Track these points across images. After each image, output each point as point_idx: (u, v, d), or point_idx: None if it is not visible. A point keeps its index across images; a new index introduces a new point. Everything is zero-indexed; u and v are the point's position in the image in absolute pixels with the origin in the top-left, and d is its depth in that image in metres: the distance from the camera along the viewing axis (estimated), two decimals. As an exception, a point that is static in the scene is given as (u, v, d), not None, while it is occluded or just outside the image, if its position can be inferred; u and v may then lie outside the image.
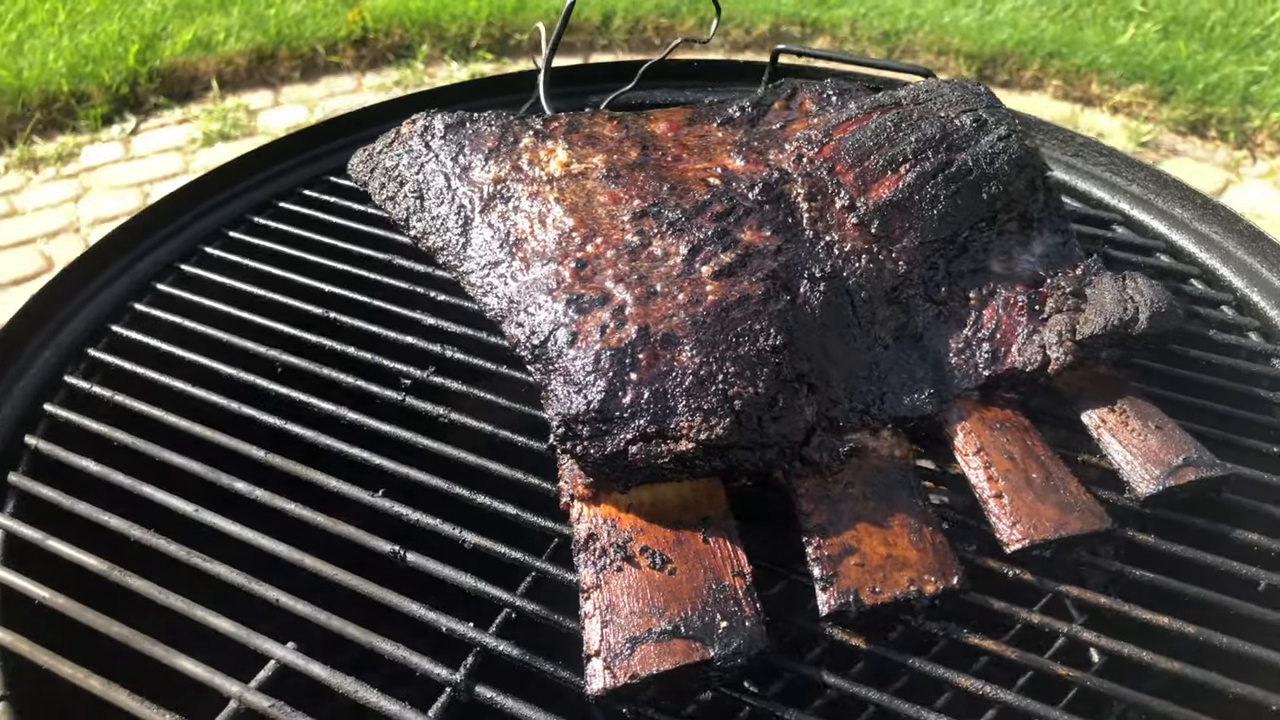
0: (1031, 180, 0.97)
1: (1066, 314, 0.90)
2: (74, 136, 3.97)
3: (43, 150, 3.88)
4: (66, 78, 4.03)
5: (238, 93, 4.20)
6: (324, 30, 4.30)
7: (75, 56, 4.14)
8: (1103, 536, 0.82)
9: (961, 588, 0.78)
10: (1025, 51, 4.26)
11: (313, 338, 1.02)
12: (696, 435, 0.75)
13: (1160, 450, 0.85)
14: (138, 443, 0.92)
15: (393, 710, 0.73)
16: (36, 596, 0.80)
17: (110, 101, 4.06)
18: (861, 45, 4.39)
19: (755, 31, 4.40)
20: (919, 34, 4.35)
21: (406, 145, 0.99)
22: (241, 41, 4.22)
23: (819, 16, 4.41)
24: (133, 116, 4.07)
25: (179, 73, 4.16)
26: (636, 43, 4.43)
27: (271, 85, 4.27)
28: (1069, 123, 4.03)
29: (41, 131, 3.96)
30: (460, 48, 4.37)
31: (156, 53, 4.17)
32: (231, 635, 0.78)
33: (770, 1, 4.50)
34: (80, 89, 4.04)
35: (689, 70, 1.40)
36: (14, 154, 3.84)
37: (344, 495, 0.88)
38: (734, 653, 0.71)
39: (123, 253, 1.12)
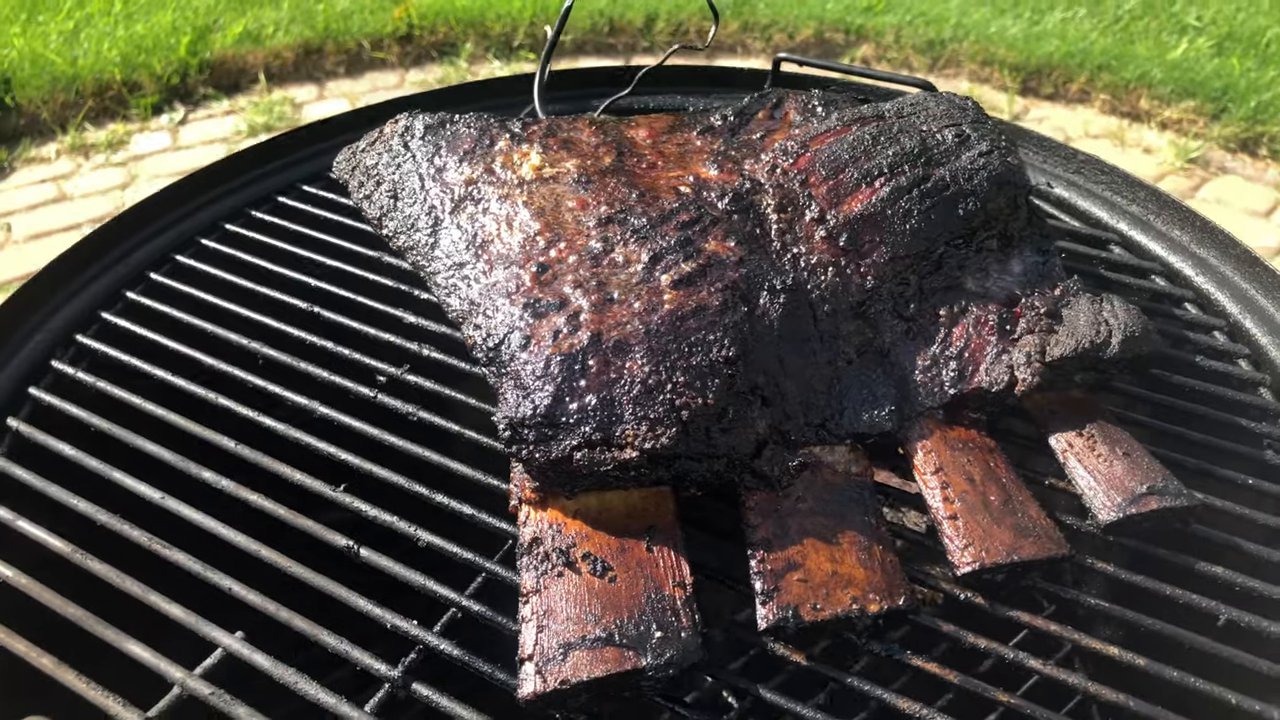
0: (1013, 198, 0.95)
1: (1038, 335, 0.89)
2: (124, 125, 4.06)
3: (93, 137, 3.98)
4: (120, 67, 4.12)
5: (284, 86, 4.27)
6: (370, 26, 4.36)
7: (129, 46, 4.24)
8: (1059, 563, 0.81)
9: (909, 608, 0.77)
10: (1073, 64, 4.18)
11: (295, 331, 1.04)
12: (641, 444, 0.75)
13: (1125, 477, 0.84)
14: (114, 429, 0.94)
15: (328, 703, 0.74)
16: (0, 575, 0.82)
17: (161, 91, 4.15)
18: (905, 53, 4.36)
19: (799, 37, 4.38)
20: (964, 44, 4.29)
21: (387, 145, 1.00)
22: (290, 35, 4.30)
23: (863, 24, 4.38)
24: (182, 107, 4.16)
25: (228, 65, 4.24)
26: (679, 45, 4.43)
27: (317, 79, 4.34)
28: (1115, 138, 3.96)
29: (93, 119, 4.06)
30: (503, 46, 4.41)
31: (207, 44, 4.26)
32: (182, 622, 0.79)
33: (815, 7, 4.48)
34: (132, 78, 4.13)
35: (691, 76, 1.40)
36: (66, 140, 3.95)
37: (306, 489, 0.89)
38: (666, 663, 0.71)
39: (120, 241, 1.14)
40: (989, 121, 1.01)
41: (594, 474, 0.76)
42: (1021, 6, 4.60)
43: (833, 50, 4.39)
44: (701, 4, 4.41)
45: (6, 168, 3.83)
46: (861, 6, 4.50)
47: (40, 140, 3.95)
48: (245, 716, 0.73)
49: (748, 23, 4.38)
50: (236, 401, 0.96)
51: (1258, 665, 0.75)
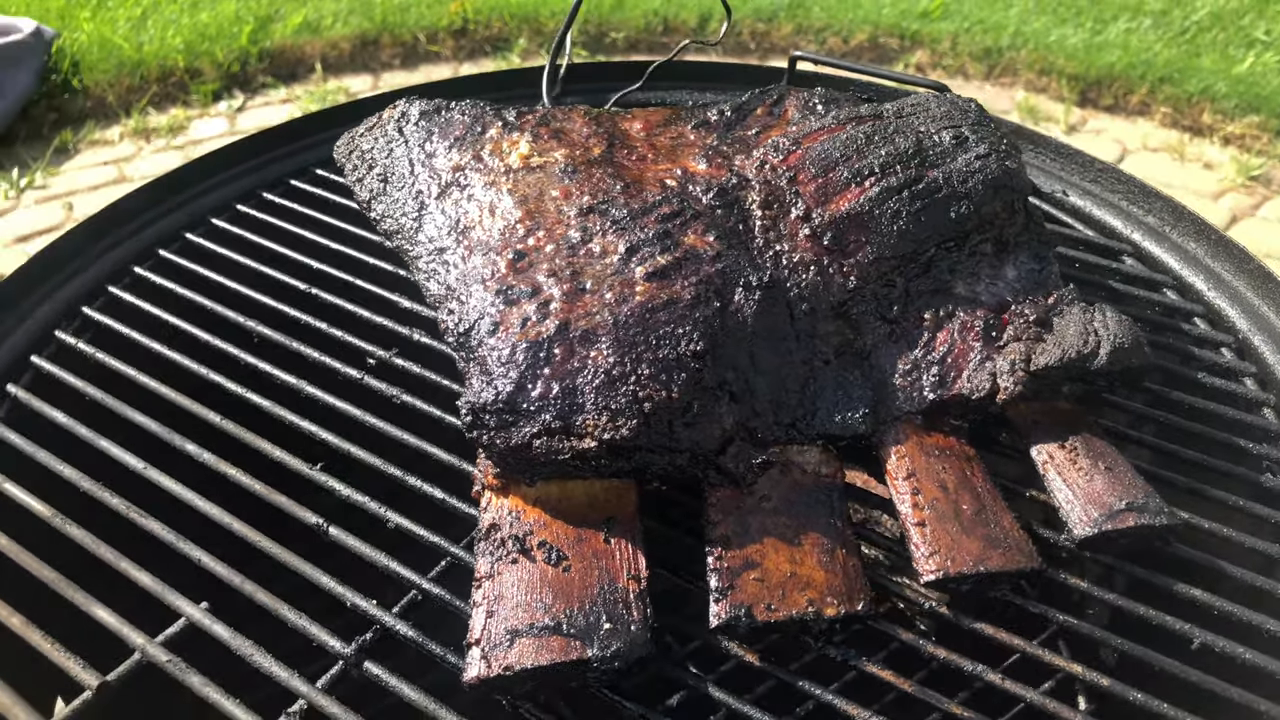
0: (1010, 203, 0.93)
1: (1024, 343, 0.87)
2: (185, 110, 4.16)
3: (155, 121, 4.08)
4: (183, 54, 4.23)
5: (340, 76, 4.34)
6: (426, 19, 4.41)
7: (193, 34, 4.34)
8: (1029, 576, 0.79)
9: (867, 614, 0.76)
10: (1134, 75, 4.09)
11: (291, 312, 1.06)
12: (601, 434, 0.74)
13: (1104, 492, 0.81)
14: (107, 399, 0.96)
15: (281, 676, 0.75)
16: (-16, 535, 0.85)
17: (221, 78, 4.24)
18: (961, 60, 4.29)
19: (853, 41, 4.34)
20: (1021, 52, 4.22)
21: (383, 129, 1.01)
22: (348, 26, 4.37)
23: (919, 30, 4.32)
24: (241, 94, 4.24)
25: (287, 54, 4.32)
26: (731, 46, 4.41)
27: (373, 70, 4.40)
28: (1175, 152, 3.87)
29: (156, 104, 4.16)
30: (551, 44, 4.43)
31: (268, 34, 4.35)
32: (150, 590, 0.81)
33: (870, 12, 4.43)
34: (195, 65, 4.23)
35: (706, 72, 1.39)
36: (129, 123, 4.05)
37: (285, 465, 0.90)
38: (612, 655, 0.71)
39: (135, 217, 1.17)
40: (991, 124, 0.99)
41: (552, 462, 0.75)
42: (1083, 16, 4.51)
43: (887, 56, 4.34)
44: (756, 6, 4.39)
45: (71, 149, 3.94)
46: (918, 12, 4.44)
47: (104, 123, 4.07)
48: (198, 685, 0.74)
49: (801, 25, 4.35)
50: (228, 378, 0.98)
51: (1228, 693, 0.73)
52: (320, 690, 0.74)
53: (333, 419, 0.94)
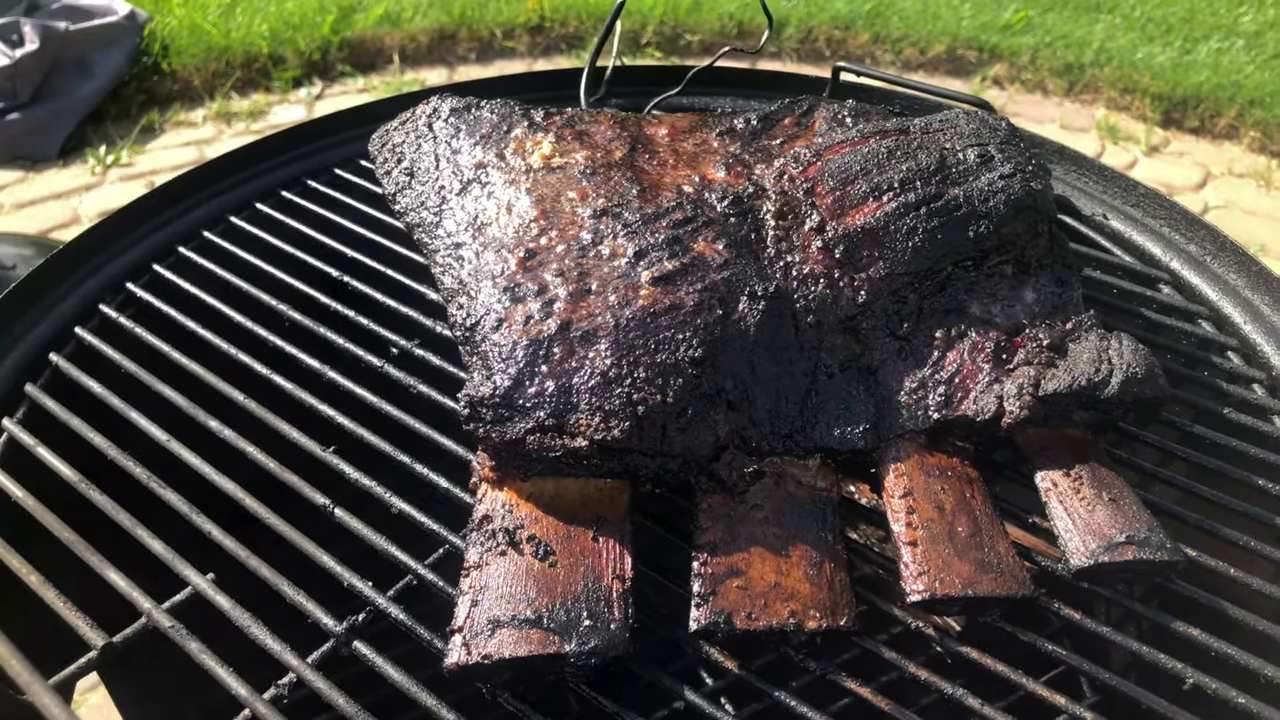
0: (1033, 224, 0.92)
1: (1035, 367, 0.85)
2: (266, 96, 4.28)
3: (237, 106, 4.21)
4: (268, 41, 4.35)
5: (416, 68, 4.43)
6: (504, 16, 4.47)
7: (279, 22, 4.47)
8: (1020, 603, 0.78)
9: (851, 630, 0.75)
10: (1223, 97, 3.96)
11: (322, 298, 1.09)
12: (592, 434, 0.76)
13: (1105, 523, 0.80)
14: (140, 372, 1.00)
15: (274, 649, 0.77)
16: (13, 495, 0.89)
17: (302, 66, 4.36)
18: (1041, 75, 4.20)
19: (930, 52, 4.29)
20: (1105, 69, 4.12)
21: (415, 124, 1.03)
22: (427, 20, 4.45)
23: (998, 43, 4.25)
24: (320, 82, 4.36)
25: (366, 45, 4.42)
26: (807, 53, 4.40)
27: (449, 64, 4.48)
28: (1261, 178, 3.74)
29: (239, 89, 4.29)
30: (631, 43, 4.46)
31: (349, 24, 4.45)
32: (161, 558, 0.84)
33: (951, 23, 4.37)
34: (278, 52, 4.36)
35: (747, 79, 1.39)
36: (213, 107, 4.19)
37: (300, 446, 0.93)
38: (590, 652, 0.72)
39: (183, 198, 1.22)
40: (1020, 144, 0.98)
41: (544, 459, 0.77)
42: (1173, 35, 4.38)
43: (964, 68, 4.28)
44: (833, 13, 4.36)
45: (157, 129, 4.09)
46: (999, 25, 4.36)
47: (189, 105, 4.21)
48: (195, 651, 0.77)
49: (879, 35, 4.30)
50: (255, 359, 1.01)
51: (1216, 736, 0.71)
52: (310, 665, 0.76)
53: (350, 405, 0.97)
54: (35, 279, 1.09)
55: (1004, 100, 4.18)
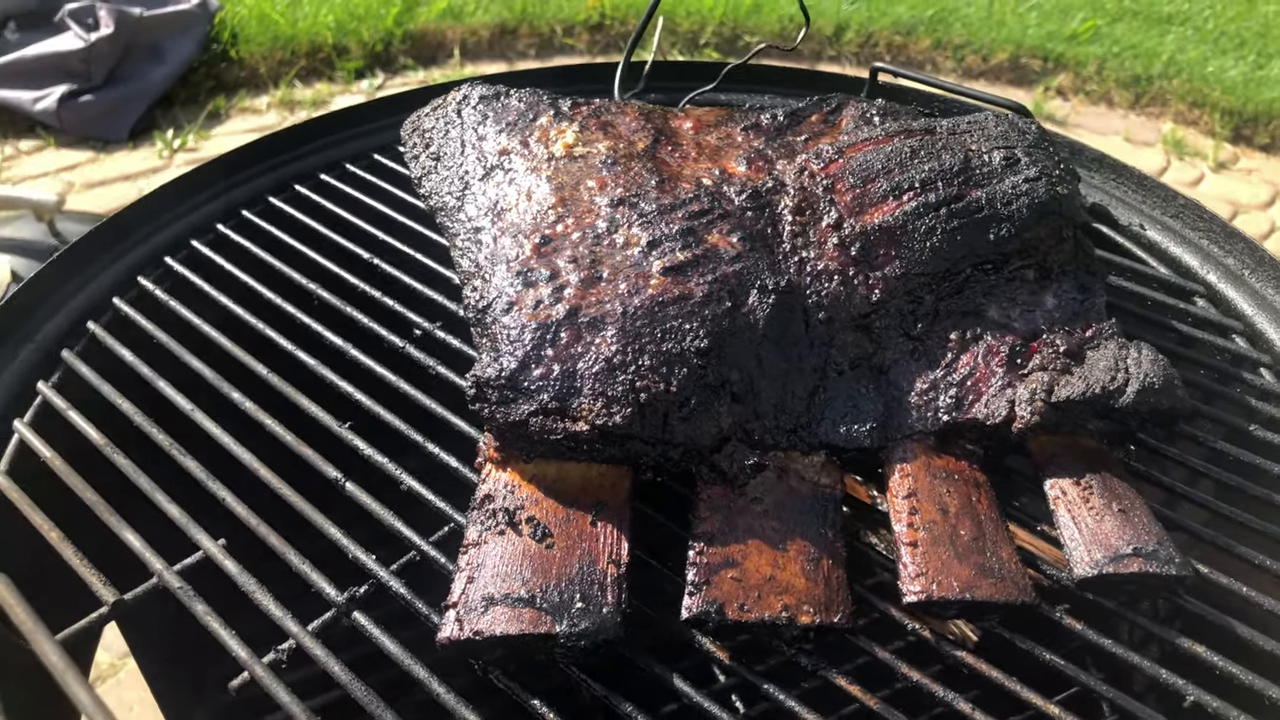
0: (1057, 229, 0.91)
1: (1049, 373, 0.84)
2: (329, 86, 4.36)
3: (300, 95, 4.30)
4: (333, 31, 4.43)
5: (476, 63, 4.47)
6: (564, 13, 4.50)
7: (344, 13, 4.55)
8: (1020, 610, 0.77)
9: (845, 627, 0.75)
10: (1296, 114, 3.85)
11: (351, 278, 1.11)
12: (594, 419, 0.76)
13: (1112, 534, 0.79)
14: (170, 343, 1.03)
15: (276, 615, 0.79)
16: (41, 455, 0.92)
17: (365, 58, 4.43)
18: (1107, 86, 4.12)
19: (992, 60, 4.23)
20: (1173, 82, 4.02)
21: (445, 111, 1.05)
22: (488, 15, 4.50)
23: (1064, 52, 4.17)
24: (382, 74, 4.43)
25: (428, 38, 4.48)
26: (867, 57, 4.36)
27: (508, 59, 4.52)
28: (1333, 200, 3.63)
29: (303, 78, 4.38)
30: (690, 43, 4.46)
31: (413, 17, 4.52)
32: (176, 521, 0.86)
33: (1015, 31, 4.30)
34: (342, 43, 4.44)
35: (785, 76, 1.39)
36: (277, 95, 4.28)
37: (317, 420, 0.95)
38: (580, 634, 0.72)
39: (226, 177, 1.25)
40: (1048, 148, 0.97)
41: (546, 441, 0.78)
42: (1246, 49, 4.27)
43: (1027, 77, 4.21)
44: (895, 18, 4.32)
45: (223, 114, 4.19)
46: (1065, 34, 4.29)
47: (255, 92, 4.30)
48: (200, 613, 0.79)
49: (940, 40, 4.25)
50: (281, 334, 1.03)
51: (1213, 755, 0.70)
52: (310, 633, 0.78)
53: (370, 383, 0.98)
54: (78, 250, 1.13)
55: (1067, 111, 4.11)
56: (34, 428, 0.95)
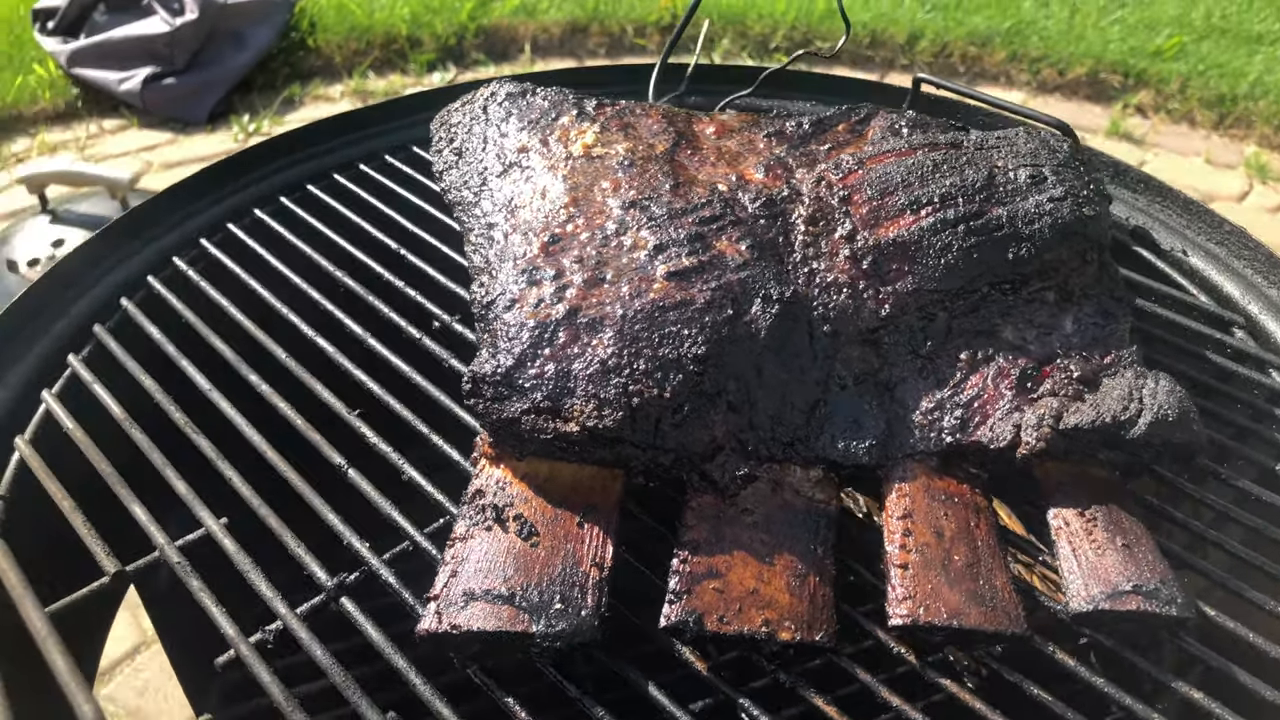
0: (1081, 251, 0.88)
1: (1060, 399, 0.82)
2: (401, 77, 4.43)
3: (373, 85, 4.37)
4: (408, 24, 4.50)
5: (546, 59, 4.50)
6: (636, 12, 4.51)
7: (419, 6, 4.62)
8: (1009, 641, 0.75)
9: (827, 645, 0.74)
10: (1389, 142, 3.69)
11: (377, 267, 1.12)
12: (585, 420, 0.76)
13: (1113, 569, 0.76)
14: (197, 322, 1.05)
15: (266, 596, 0.80)
16: (64, 425, 0.95)
17: (438, 50, 4.49)
18: (1189, 105, 3.99)
19: (1070, 75, 4.12)
20: (1260, 103, 3.88)
21: (471, 106, 1.06)
22: (561, 12, 4.52)
23: (1145, 68, 4.05)
24: (454, 67, 4.48)
25: (501, 33, 4.52)
26: (939, 68, 4.28)
27: (578, 57, 4.54)
28: None
29: (376, 69, 4.45)
30: (760, 47, 4.43)
31: (487, 12, 4.56)
32: (183, 498, 0.89)
33: (1096, 45, 4.19)
34: (416, 35, 4.50)
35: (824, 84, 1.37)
36: (350, 84, 4.36)
37: (328, 406, 0.96)
38: (556, 634, 0.72)
39: (264, 163, 1.28)
40: (1079, 168, 0.94)
41: (536, 440, 0.78)
42: (1342, 71, 4.10)
43: (1106, 93, 4.10)
44: (970, 28, 4.24)
45: (297, 101, 4.28)
46: (1149, 50, 4.16)
47: (329, 81, 4.39)
48: (195, 588, 0.81)
49: (1016, 53, 4.16)
50: (303, 319, 1.05)
51: (1200, 806, 0.67)
52: (297, 616, 0.79)
53: (385, 372, 1.00)
54: (119, 228, 1.16)
55: (1146, 129, 3.99)
56: (60, 399, 0.99)
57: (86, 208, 3.05)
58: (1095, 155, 1.25)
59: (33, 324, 1.07)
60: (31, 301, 1.07)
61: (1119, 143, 3.91)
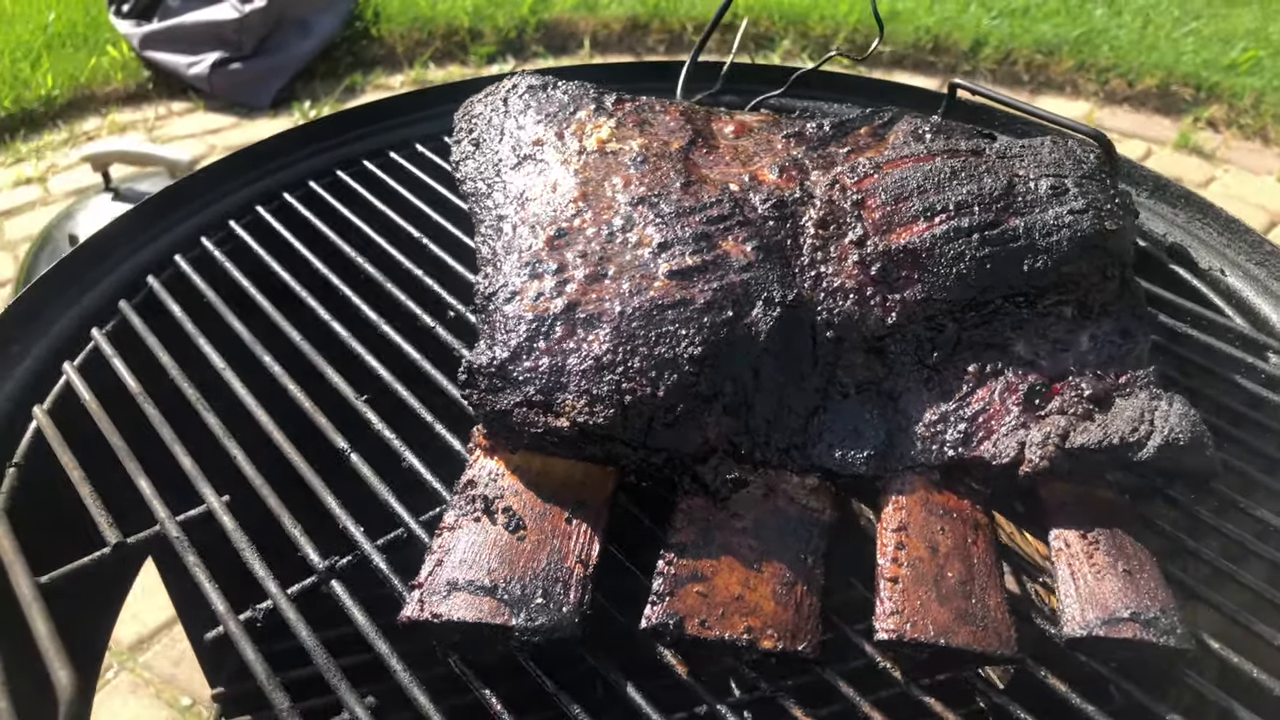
0: (1101, 266, 0.85)
1: (1069, 417, 0.79)
2: (460, 69, 4.47)
3: (433, 75, 4.42)
4: (470, 16, 4.54)
5: (605, 54, 4.51)
6: (697, 10, 4.50)
7: (483, -1, 4.65)
8: (999, 662, 0.73)
9: (811, 657, 0.73)
10: None
11: (399, 255, 1.13)
12: (575, 416, 0.76)
13: (1112, 595, 0.74)
14: (217, 302, 1.07)
15: (259, 574, 0.81)
16: (82, 397, 0.97)
17: (498, 43, 4.53)
18: (1263, 121, 3.87)
19: (1139, 86, 4.02)
20: (1338, 121, 3.74)
21: (493, 98, 1.06)
22: (621, 8, 4.53)
23: (1218, 81, 3.93)
24: (513, 60, 4.51)
25: (561, 28, 4.54)
26: (1003, 75, 4.21)
27: (637, 53, 4.54)
28: None
29: (437, 60, 4.50)
30: (821, 48, 4.39)
31: (547, 6, 4.58)
32: (189, 474, 0.90)
33: (1168, 56, 4.08)
34: (478, 28, 4.54)
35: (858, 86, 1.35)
36: (410, 74, 4.41)
37: (337, 390, 0.97)
38: (535, 629, 0.72)
39: (297, 148, 1.29)
40: (1105, 180, 0.91)
41: (527, 434, 0.78)
42: None
43: (1176, 106, 3.99)
44: (1037, 36, 4.15)
45: (358, 90, 4.34)
46: (1223, 64, 4.04)
47: (390, 71, 4.44)
48: (191, 565, 0.82)
49: (1084, 62, 4.07)
50: (321, 303, 1.06)
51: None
52: (287, 596, 0.80)
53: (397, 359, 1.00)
54: (150, 207, 1.19)
55: (1217, 144, 3.87)
56: (81, 371, 1.01)
57: (147, 186, 3.12)
58: (1135, 168, 1.21)
59: (63, 296, 1.09)
60: (63, 274, 1.10)
61: (1188, 156, 3.81)
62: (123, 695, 2.21)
